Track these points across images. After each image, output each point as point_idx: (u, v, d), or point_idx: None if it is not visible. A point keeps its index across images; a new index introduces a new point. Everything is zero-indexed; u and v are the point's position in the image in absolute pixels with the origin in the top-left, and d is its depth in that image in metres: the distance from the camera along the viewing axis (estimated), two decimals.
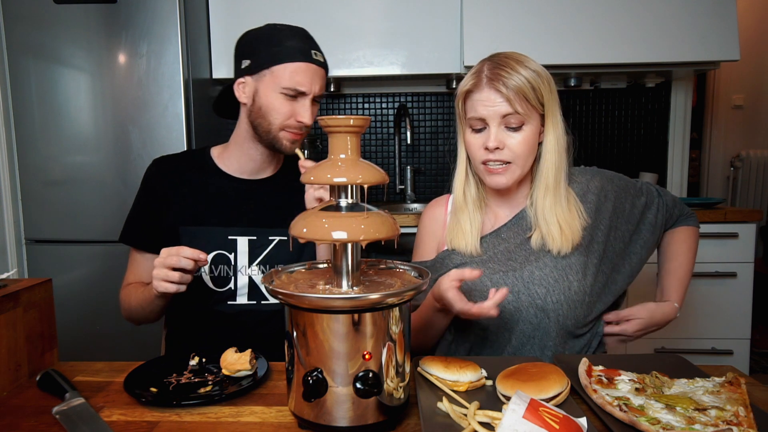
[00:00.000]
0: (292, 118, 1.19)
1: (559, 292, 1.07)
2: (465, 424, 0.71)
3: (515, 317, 1.09)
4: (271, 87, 1.17)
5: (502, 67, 1.04)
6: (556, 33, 2.27)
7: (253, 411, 0.80)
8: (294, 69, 1.16)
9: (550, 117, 1.08)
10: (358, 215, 0.72)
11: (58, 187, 2.09)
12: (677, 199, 1.25)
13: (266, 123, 1.20)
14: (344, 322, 0.69)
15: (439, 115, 2.78)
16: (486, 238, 1.14)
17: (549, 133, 1.08)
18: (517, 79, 1.03)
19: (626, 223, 1.16)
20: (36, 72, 2.06)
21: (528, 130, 1.06)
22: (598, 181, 1.16)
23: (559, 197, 1.09)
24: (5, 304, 0.88)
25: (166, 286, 1.03)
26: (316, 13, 2.33)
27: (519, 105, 1.03)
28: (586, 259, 1.10)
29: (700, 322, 2.23)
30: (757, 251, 3.81)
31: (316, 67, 1.19)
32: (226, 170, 1.28)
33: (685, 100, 2.75)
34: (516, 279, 1.09)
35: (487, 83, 1.04)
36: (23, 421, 0.78)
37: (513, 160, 1.07)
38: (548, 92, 1.06)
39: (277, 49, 1.17)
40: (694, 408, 0.74)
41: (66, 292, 2.06)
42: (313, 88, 1.18)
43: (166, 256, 1.02)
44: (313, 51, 1.20)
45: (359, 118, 0.72)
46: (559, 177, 1.09)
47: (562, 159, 1.09)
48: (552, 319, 1.07)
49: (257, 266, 1.24)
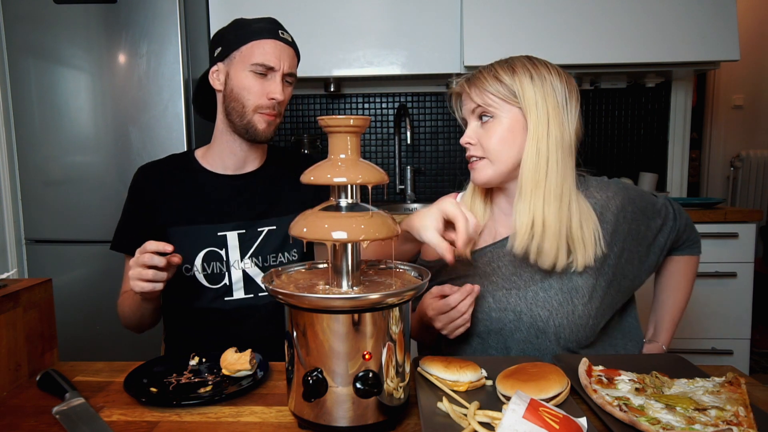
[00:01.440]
0: (263, 97, 1.19)
1: (563, 315, 1.03)
2: (465, 424, 0.71)
3: (515, 337, 1.06)
4: (241, 66, 1.18)
5: (481, 70, 1.06)
6: (556, 33, 2.27)
7: (253, 411, 0.80)
8: (261, 45, 1.18)
9: (530, 112, 1.01)
10: (358, 215, 0.72)
11: (58, 187, 2.09)
12: (690, 223, 1.20)
13: (239, 106, 1.20)
14: (344, 322, 0.69)
15: (439, 115, 2.78)
16: (489, 248, 1.10)
17: (530, 128, 1.01)
18: (487, 76, 1.03)
19: (638, 245, 1.11)
20: (36, 72, 2.06)
21: (498, 123, 1.03)
22: (620, 200, 1.09)
23: (537, 202, 1.00)
24: (5, 304, 0.88)
25: (141, 286, 1.02)
26: (317, 13, 2.33)
27: (481, 98, 1.03)
28: (595, 282, 1.05)
29: (700, 322, 2.23)
30: (757, 251, 3.81)
31: (283, 45, 1.20)
32: (210, 168, 1.28)
33: (685, 100, 2.75)
34: (519, 299, 1.05)
35: (466, 84, 1.07)
36: (23, 421, 0.78)
37: (485, 155, 1.04)
38: (527, 86, 1.01)
39: (243, 31, 1.19)
40: (694, 408, 0.74)
41: (66, 292, 2.06)
42: (282, 65, 1.19)
43: (139, 254, 1.02)
44: (280, 30, 1.21)
45: (359, 118, 0.72)
46: (541, 176, 1.00)
47: (544, 157, 1.00)
48: (552, 341, 1.04)
49: (249, 259, 1.24)
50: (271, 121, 1.21)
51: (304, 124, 2.81)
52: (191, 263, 1.22)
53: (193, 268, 1.22)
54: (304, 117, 2.81)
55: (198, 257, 1.22)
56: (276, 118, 1.22)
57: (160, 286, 1.03)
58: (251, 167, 1.30)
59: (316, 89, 2.75)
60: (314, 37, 2.33)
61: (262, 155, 1.33)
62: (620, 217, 1.08)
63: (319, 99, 2.80)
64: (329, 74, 2.39)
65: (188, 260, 1.21)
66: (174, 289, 1.20)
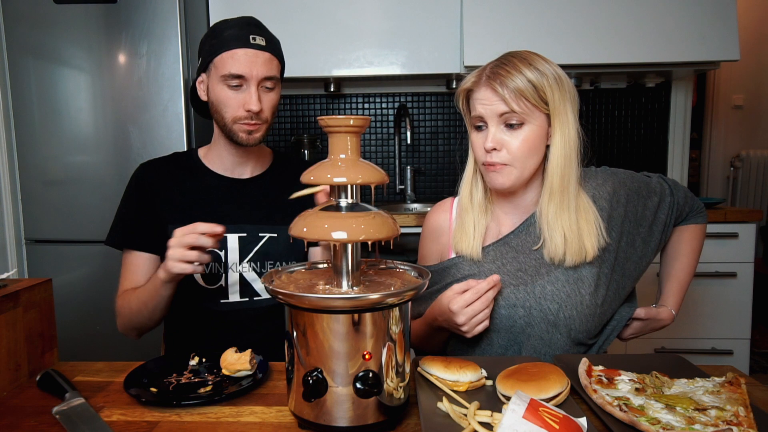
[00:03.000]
0: (240, 109, 1.17)
1: (572, 307, 1.03)
2: (465, 424, 0.71)
3: (526, 332, 1.06)
4: (216, 79, 1.18)
5: (503, 66, 1.02)
6: (556, 33, 2.27)
7: (253, 411, 0.80)
8: (230, 56, 1.16)
9: (557, 117, 1.02)
10: (358, 215, 0.72)
11: (58, 187, 2.09)
12: (689, 194, 1.21)
13: (221, 118, 1.20)
14: (344, 322, 0.69)
15: (439, 115, 2.78)
16: (493, 246, 1.10)
17: (556, 134, 1.02)
18: (516, 78, 0.99)
19: (637, 226, 1.12)
20: (36, 72, 2.06)
21: (529, 130, 1.01)
22: (610, 186, 1.11)
23: (566, 204, 1.03)
24: (5, 304, 0.88)
25: (182, 267, 1.00)
26: (316, 13, 2.33)
27: (516, 103, 0.99)
28: (599, 270, 1.06)
29: (700, 322, 2.23)
30: (757, 251, 3.81)
31: (255, 51, 1.16)
32: (213, 169, 1.28)
33: (685, 100, 2.75)
34: (527, 294, 1.05)
35: (486, 82, 1.02)
36: (23, 421, 0.78)
37: (511, 162, 1.02)
38: (555, 91, 1.01)
39: (215, 41, 1.18)
40: (694, 408, 0.74)
41: (66, 292, 2.06)
42: (254, 72, 1.16)
43: (182, 235, 1.00)
44: (252, 36, 1.17)
45: (359, 118, 0.72)
46: (566, 182, 1.03)
47: (570, 163, 1.03)
48: (563, 333, 1.04)
49: (248, 263, 1.23)
50: (253, 130, 1.19)
51: (304, 124, 2.81)
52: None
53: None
54: (304, 117, 2.81)
55: None
56: (260, 126, 1.20)
57: (200, 269, 1.03)
58: (254, 171, 1.30)
59: (316, 89, 2.75)
60: (314, 37, 2.33)
61: (264, 159, 1.32)
62: (613, 202, 1.10)
63: (319, 99, 2.79)
64: (329, 74, 2.39)
65: None
66: None
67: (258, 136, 1.20)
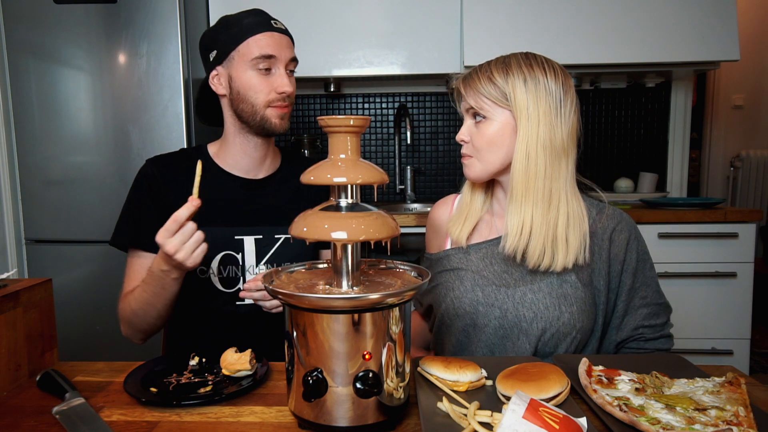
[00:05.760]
0: (272, 93, 1.17)
1: (547, 320, 1.02)
2: (465, 424, 0.71)
3: (498, 333, 1.06)
4: (243, 66, 1.17)
5: (477, 69, 1.07)
6: (556, 33, 2.27)
7: (253, 411, 0.80)
8: (258, 39, 1.16)
9: (522, 117, 1.01)
10: (358, 215, 0.72)
11: (58, 187, 2.09)
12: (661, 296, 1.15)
13: (249, 106, 1.18)
14: (344, 322, 0.69)
15: (439, 115, 2.78)
16: (486, 244, 1.12)
17: (519, 131, 1.02)
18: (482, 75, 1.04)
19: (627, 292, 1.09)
20: (36, 72, 2.06)
21: (490, 125, 1.04)
22: (625, 237, 1.08)
23: (530, 200, 1.01)
24: (5, 304, 0.88)
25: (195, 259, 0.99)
26: (316, 13, 2.33)
27: (474, 100, 1.04)
28: (584, 295, 1.04)
29: (700, 322, 2.23)
30: (757, 251, 3.81)
31: (279, 35, 1.18)
32: (226, 168, 1.25)
33: (685, 100, 2.75)
34: (506, 296, 1.05)
35: (462, 83, 1.08)
36: (23, 421, 0.78)
37: (474, 154, 1.07)
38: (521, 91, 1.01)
39: (236, 29, 1.17)
40: (694, 408, 0.74)
41: (66, 292, 2.06)
42: (283, 54, 1.17)
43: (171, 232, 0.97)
44: (273, 21, 1.20)
45: (359, 118, 0.72)
46: (531, 179, 1.01)
47: (534, 161, 1.01)
48: (532, 343, 1.03)
49: (265, 265, 1.22)
50: (285, 114, 1.20)
51: (304, 124, 2.81)
52: (207, 265, 1.19)
53: (209, 271, 1.20)
54: (304, 117, 2.81)
55: (215, 260, 1.20)
56: (288, 110, 1.21)
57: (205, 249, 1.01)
58: (266, 171, 1.28)
59: (316, 89, 2.75)
60: (314, 37, 2.33)
61: (276, 158, 1.31)
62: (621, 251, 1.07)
63: (319, 99, 2.80)
64: (329, 74, 2.39)
65: (205, 262, 1.17)
66: (186, 291, 1.13)
67: (287, 123, 1.21)
